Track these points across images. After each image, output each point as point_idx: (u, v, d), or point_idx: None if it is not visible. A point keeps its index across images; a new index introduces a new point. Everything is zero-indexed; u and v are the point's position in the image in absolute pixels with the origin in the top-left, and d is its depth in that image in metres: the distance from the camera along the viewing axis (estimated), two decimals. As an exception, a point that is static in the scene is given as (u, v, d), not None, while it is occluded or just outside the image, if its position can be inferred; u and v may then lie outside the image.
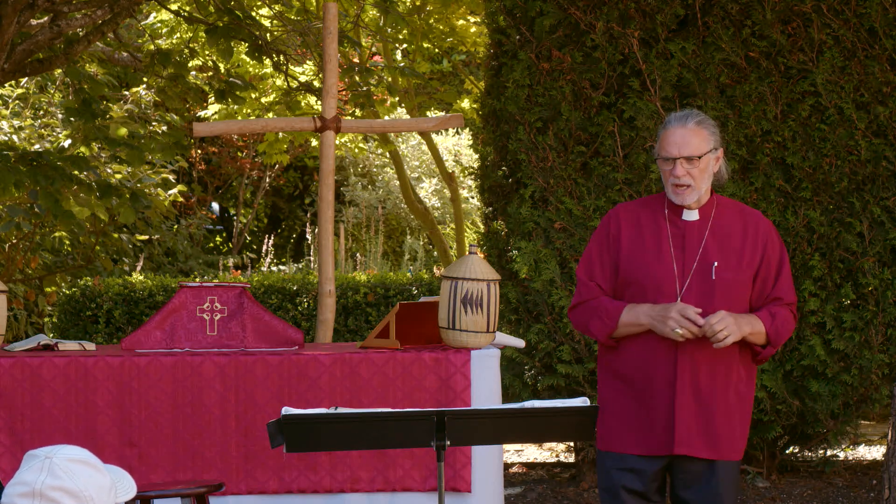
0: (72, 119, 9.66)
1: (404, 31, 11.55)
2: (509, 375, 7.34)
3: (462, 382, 5.59)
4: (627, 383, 4.10)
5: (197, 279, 11.82)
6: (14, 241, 10.44)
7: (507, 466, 8.15)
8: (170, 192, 11.75)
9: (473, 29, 11.91)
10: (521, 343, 6.33)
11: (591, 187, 7.19)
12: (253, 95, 11.75)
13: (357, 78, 9.69)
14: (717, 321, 3.90)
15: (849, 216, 7.11)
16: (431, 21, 11.66)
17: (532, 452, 9.00)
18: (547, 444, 9.23)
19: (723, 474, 4.07)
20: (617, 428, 4.09)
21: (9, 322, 10.81)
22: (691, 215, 4.07)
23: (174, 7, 10.34)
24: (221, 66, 10.40)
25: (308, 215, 17.35)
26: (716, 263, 4.00)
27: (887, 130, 7.14)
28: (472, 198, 15.27)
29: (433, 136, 13.91)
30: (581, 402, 3.52)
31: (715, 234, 4.06)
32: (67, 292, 10.05)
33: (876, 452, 8.45)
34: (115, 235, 11.58)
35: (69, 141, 9.76)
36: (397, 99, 12.27)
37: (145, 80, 11.11)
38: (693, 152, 3.99)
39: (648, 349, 4.04)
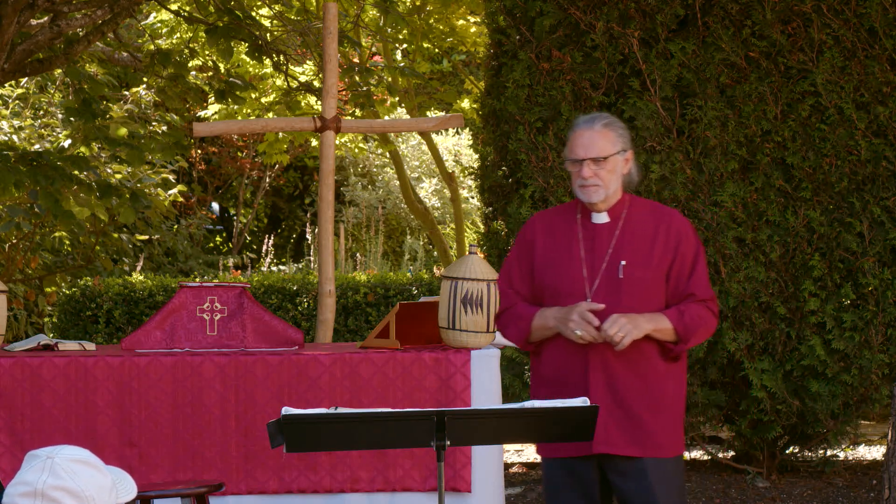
0: (72, 119, 9.66)
1: (404, 31, 11.55)
2: (509, 375, 7.34)
3: (462, 382, 5.59)
4: (551, 387, 4.14)
5: (197, 279, 11.83)
6: (14, 241, 10.44)
7: (507, 466, 8.15)
8: (170, 192, 11.75)
9: (473, 29, 11.91)
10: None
11: (591, 187, 7.18)
12: (253, 95, 11.75)
13: (357, 78, 9.69)
14: (610, 325, 3.94)
15: (849, 216, 7.11)
16: (431, 21, 11.66)
17: (532, 452, 9.00)
18: (547, 444, 9.22)
19: (655, 470, 4.05)
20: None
21: (9, 322, 10.81)
22: (601, 218, 4.12)
23: (174, 7, 10.34)
24: (221, 66, 10.40)
25: (308, 215, 17.35)
26: (623, 262, 4.04)
27: (887, 130, 7.14)
28: (472, 198, 15.27)
29: (433, 136, 13.91)
30: (581, 402, 3.52)
31: (625, 234, 4.10)
32: (67, 292, 10.06)
33: (876, 452, 8.45)
34: (115, 235, 11.58)
35: (69, 141, 9.76)
36: (397, 99, 12.27)
37: (145, 80, 11.11)
38: (599, 153, 4.04)
39: (564, 352, 4.09)
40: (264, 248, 14.21)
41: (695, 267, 4.11)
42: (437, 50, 12.46)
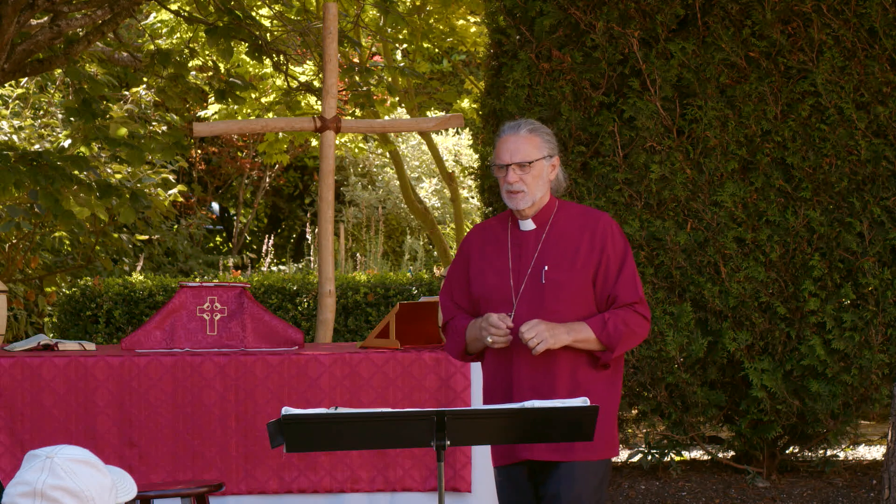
0: (72, 119, 9.66)
1: (404, 31, 11.55)
2: (509, 375, 7.33)
3: (462, 382, 5.60)
4: (489, 394, 4.14)
5: (197, 279, 11.82)
6: (14, 241, 10.44)
7: (507, 466, 8.14)
8: (170, 192, 11.75)
9: (473, 29, 11.91)
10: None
11: (591, 187, 7.19)
12: (253, 95, 11.75)
13: (357, 78, 9.69)
14: (527, 329, 3.91)
15: (849, 216, 7.11)
16: (431, 21, 11.66)
17: (532, 452, 9.00)
18: (547, 444, 9.22)
19: (580, 475, 4.02)
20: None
21: (9, 322, 10.81)
22: (527, 225, 4.10)
23: (174, 7, 10.34)
24: (221, 66, 10.40)
25: (308, 215, 17.35)
26: (546, 267, 4.02)
27: (887, 130, 7.14)
28: (472, 198, 15.28)
29: (433, 136, 13.91)
30: (581, 402, 3.51)
31: (550, 240, 4.07)
32: (67, 292, 10.05)
33: (876, 452, 8.45)
34: (115, 235, 11.58)
35: (69, 141, 9.76)
36: (397, 99, 12.27)
37: (145, 80, 11.11)
38: (524, 158, 4.03)
39: (495, 360, 4.08)
40: (264, 248, 14.21)
41: (622, 270, 4.06)
42: (437, 50, 12.46)
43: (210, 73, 9.94)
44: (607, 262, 4.05)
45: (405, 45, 12.42)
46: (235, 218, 16.97)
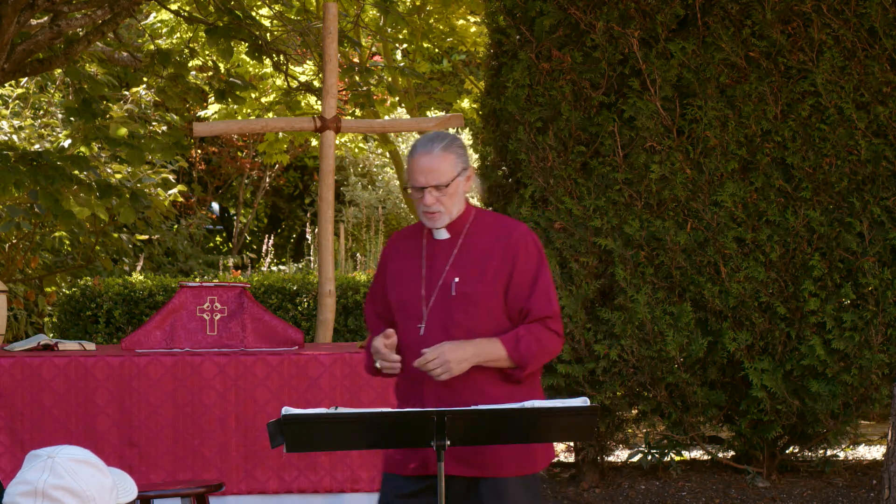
0: (72, 119, 9.66)
1: (404, 31, 11.55)
2: (509, 375, 7.33)
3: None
4: (398, 405, 4.00)
5: (197, 279, 11.82)
6: (14, 241, 10.44)
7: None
8: (170, 192, 11.75)
9: (473, 29, 11.91)
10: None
11: (591, 187, 7.19)
12: (253, 95, 11.76)
13: (357, 78, 9.69)
14: (425, 362, 3.77)
15: (849, 216, 7.11)
16: (431, 21, 11.66)
17: (532, 452, 9.00)
18: (547, 444, 9.22)
19: (490, 492, 3.86)
20: (388, 450, 3.97)
21: (9, 322, 10.81)
22: (441, 234, 3.96)
23: (174, 7, 10.34)
24: (221, 66, 10.41)
25: (308, 215, 17.35)
26: (456, 279, 3.89)
27: (887, 130, 7.14)
28: (472, 197, 15.28)
29: (433, 136, 13.87)
30: (581, 402, 3.51)
31: (463, 250, 3.94)
32: (67, 292, 10.05)
33: (876, 452, 8.45)
34: (115, 235, 11.58)
35: (69, 141, 9.76)
36: (397, 99, 12.27)
37: (145, 80, 11.11)
38: (441, 180, 3.87)
39: (404, 380, 3.94)
40: (264, 248, 14.21)
41: (536, 282, 3.90)
42: (437, 50, 12.46)
43: (210, 73, 9.95)
44: (520, 274, 3.89)
45: (405, 45, 12.43)
46: (235, 218, 16.98)
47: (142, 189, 10.47)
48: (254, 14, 10.03)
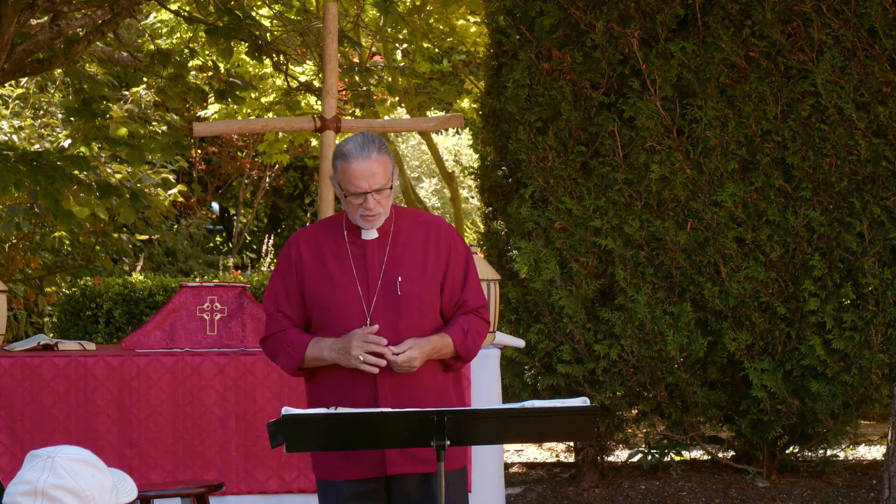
0: (72, 119, 9.66)
1: (404, 31, 11.55)
2: (509, 375, 7.34)
3: (462, 382, 5.59)
4: (337, 405, 3.89)
5: (197, 279, 11.82)
6: (14, 241, 10.44)
7: (507, 466, 8.15)
8: (170, 192, 11.75)
9: (473, 29, 11.91)
10: (521, 343, 6.33)
11: (591, 187, 7.19)
12: (253, 95, 11.75)
13: (357, 78, 9.69)
14: (404, 357, 3.79)
15: (849, 216, 7.11)
16: (431, 21, 11.66)
17: (532, 452, 9.00)
18: (547, 444, 9.23)
19: (456, 483, 3.91)
20: (326, 457, 3.92)
21: (9, 322, 10.81)
22: (370, 234, 3.94)
23: (174, 7, 10.34)
24: (221, 66, 10.40)
25: (308, 215, 17.35)
26: (400, 278, 3.89)
27: (887, 130, 7.14)
28: (472, 198, 15.28)
29: (433, 136, 13.91)
30: (581, 401, 3.51)
31: (396, 248, 3.95)
32: (67, 292, 10.05)
33: (876, 452, 8.46)
34: (115, 235, 11.58)
35: (69, 141, 9.76)
36: (397, 99, 12.27)
37: (145, 80, 11.11)
38: (382, 184, 3.86)
39: (348, 375, 3.89)
40: (264, 248, 14.21)
41: (467, 275, 3.98)
42: (437, 50, 12.46)
43: (210, 73, 9.94)
44: (454, 269, 3.96)
45: (405, 45, 12.42)
46: (235, 218, 16.98)
47: (142, 189, 10.47)
48: (254, 14, 10.03)
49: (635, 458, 7.66)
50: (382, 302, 3.89)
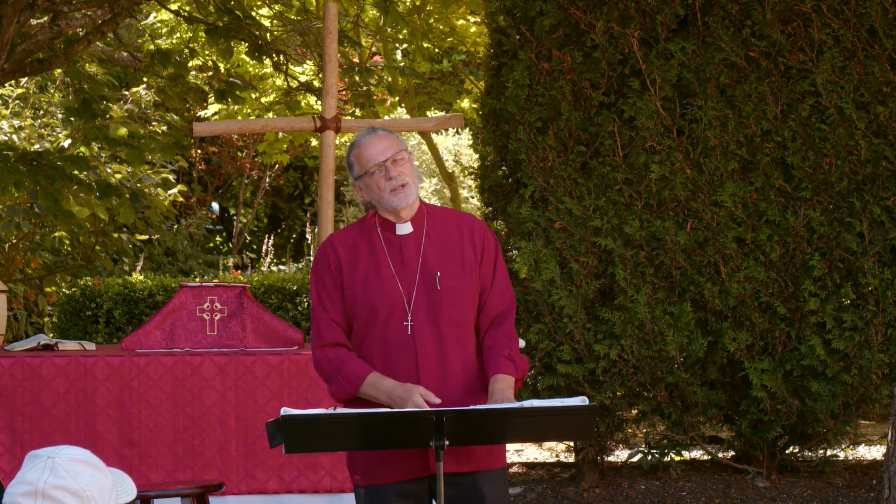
0: (72, 119, 9.66)
1: (404, 31, 11.55)
2: (509, 375, 7.33)
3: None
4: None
5: (197, 279, 11.82)
6: (14, 241, 10.44)
7: (506, 466, 8.14)
8: (170, 192, 11.75)
9: (473, 29, 11.91)
10: (521, 343, 6.33)
11: (591, 187, 7.19)
12: (253, 95, 11.76)
13: (357, 78, 9.70)
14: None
15: (849, 216, 7.11)
16: (431, 21, 11.66)
17: (532, 452, 9.00)
18: (547, 444, 9.23)
19: (486, 482, 3.89)
20: (367, 462, 3.89)
21: (9, 322, 10.81)
22: (405, 228, 3.95)
23: (174, 7, 10.34)
24: (221, 66, 10.41)
25: (308, 215, 17.35)
26: (438, 273, 3.88)
27: (887, 130, 7.14)
28: (472, 198, 15.27)
29: (433, 136, 13.91)
30: (581, 401, 3.51)
31: (432, 243, 3.94)
32: (67, 292, 10.05)
33: (876, 452, 8.46)
34: (115, 235, 11.58)
35: (69, 141, 9.76)
36: (397, 99, 12.28)
37: (145, 80, 11.11)
38: (396, 149, 3.91)
39: (395, 378, 3.84)
40: (264, 248, 14.21)
41: (496, 271, 3.97)
42: (437, 50, 12.47)
43: (210, 73, 9.94)
44: (487, 264, 3.96)
45: (405, 45, 12.43)
46: (235, 218, 16.98)
47: (142, 189, 10.48)
48: (254, 14, 10.03)
49: (635, 458, 7.66)
50: (422, 297, 3.87)
